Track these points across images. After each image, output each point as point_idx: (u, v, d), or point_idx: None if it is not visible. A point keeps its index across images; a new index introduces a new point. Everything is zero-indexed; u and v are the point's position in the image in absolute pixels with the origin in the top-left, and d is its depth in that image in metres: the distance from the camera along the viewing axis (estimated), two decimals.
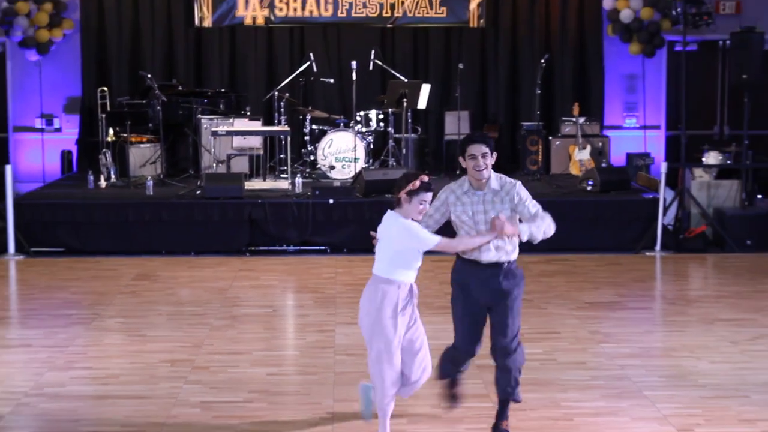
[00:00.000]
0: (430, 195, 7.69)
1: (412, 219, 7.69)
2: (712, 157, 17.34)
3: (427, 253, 7.70)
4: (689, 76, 17.65)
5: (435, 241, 7.65)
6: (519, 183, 7.99)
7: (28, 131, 20.91)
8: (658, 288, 13.90)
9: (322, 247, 15.85)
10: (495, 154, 7.94)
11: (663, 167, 16.19)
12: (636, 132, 21.05)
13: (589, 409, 8.60)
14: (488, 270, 7.80)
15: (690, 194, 16.36)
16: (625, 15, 20.32)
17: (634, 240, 15.85)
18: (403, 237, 7.68)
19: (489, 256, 7.76)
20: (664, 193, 15.88)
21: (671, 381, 9.38)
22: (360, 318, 7.85)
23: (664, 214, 15.83)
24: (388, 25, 20.56)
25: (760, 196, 18.51)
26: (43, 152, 20.81)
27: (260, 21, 20.53)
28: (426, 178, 7.67)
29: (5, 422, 8.35)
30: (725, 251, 15.76)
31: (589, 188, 16.66)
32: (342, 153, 17.68)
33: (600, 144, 19.37)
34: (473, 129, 19.81)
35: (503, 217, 7.68)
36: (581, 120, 18.97)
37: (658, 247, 15.65)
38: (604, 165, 18.51)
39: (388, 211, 7.81)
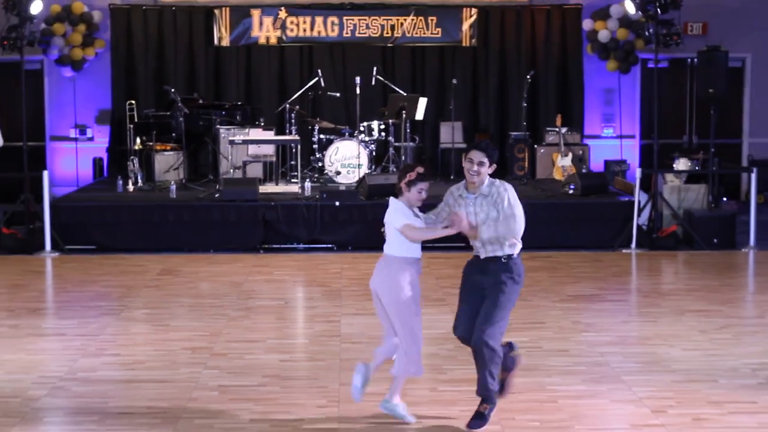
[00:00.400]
0: (427, 184, 7.69)
1: (413, 206, 7.71)
2: (681, 164, 17.29)
3: (421, 249, 7.67)
4: (661, 90, 17.61)
5: (402, 223, 7.62)
6: (510, 188, 7.95)
7: (63, 140, 20.88)
8: (634, 282, 13.85)
9: (329, 245, 15.79)
10: (494, 166, 7.86)
11: (638, 173, 16.16)
12: (613, 141, 21.01)
13: (572, 392, 8.55)
14: (487, 264, 7.76)
15: (662, 197, 16.31)
16: (603, 35, 20.31)
17: (612, 238, 15.80)
18: (390, 215, 7.71)
19: (482, 252, 7.71)
20: (639, 196, 15.83)
21: (646, 367, 9.33)
22: (383, 297, 7.73)
23: (639, 215, 15.77)
24: (389, 45, 20.53)
25: (725, 199, 18.51)
26: (76, 159, 20.76)
27: (273, 41, 20.50)
28: (422, 170, 7.68)
29: (41, 404, 8.31)
30: (694, 249, 15.70)
31: (570, 192, 16.61)
32: (347, 160, 17.63)
33: (580, 152, 19.32)
34: (466, 138, 19.83)
35: (462, 213, 7.61)
36: (563, 130, 18.91)
37: (633, 245, 15.60)
38: (584, 171, 18.46)
39: (391, 198, 7.80)
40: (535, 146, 19.56)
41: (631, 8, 17.72)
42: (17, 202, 16.26)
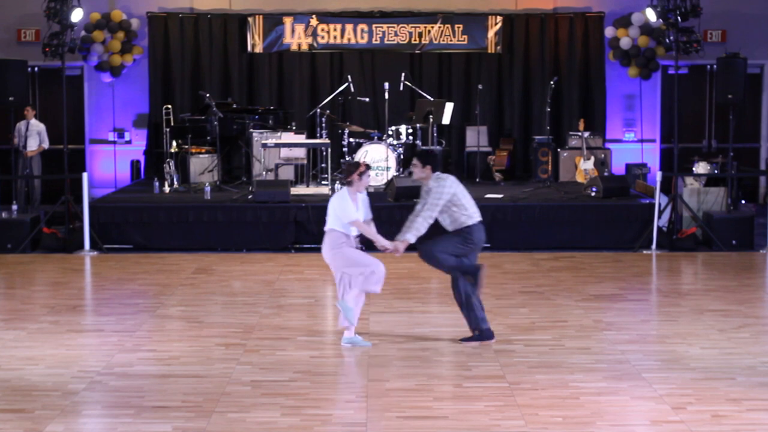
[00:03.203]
0: (370, 173, 9.92)
1: (360, 191, 9.83)
2: (701, 167, 17.22)
3: None
4: (681, 95, 17.53)
5: (351, 219, 9.83)
6: (440, 183, 9.87)
7: (102, 143, 20.95)
8: (654, 282, 13.78)
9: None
10: (428, 167, 9.90)
11: (658, 176, 16.09)
12: (634, 145, 20.93)
13: (593, 389, 8.50)
14: None
15: (682, 200, 16.23)
16: (625, 42, 20.25)
17: (633, 240, 15.74)
18: (338, 205, 9.79)
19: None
20: (659, 199, 15.77)
21: (666, 364, 9.27)
22: (330, 262, 9.94)
23: (659, 217, 15.70)
24: (417, 51, 20.52)
25: (743, 202, 18.39)
26: (115, 162, 20.84)
27: (305, 47, 20.53)
28: (367, 164, 9.87)
29: (80, 397, 8.33)
30: (713, 250, 15.62)
31: (593, 194, 16.55)
32: (376, 162, 17.61)
33: (602, 155, 19.26)
34: (491, 142, 19.92)
35: (390, 245, 10.01)
36: (586, 134, 18.87)
37: (654, 246, 15.53)
38: (606, 174, 18.39)
39: (342, 187, 9.88)
40: (559, 150, 19.51)
41: (652, 16, 17.62)
42: (58, 203, 16.34)
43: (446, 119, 18.58)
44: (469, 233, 9.94)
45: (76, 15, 16.62)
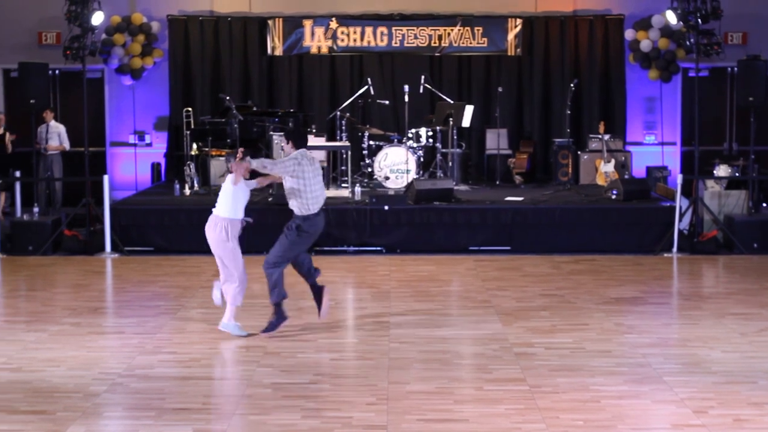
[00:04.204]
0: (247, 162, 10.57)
1: (243, 178, 10.68)
2: (722, 170, 17.15)
3: (468, 252, 7.67)
4: (701, 98, 17.47)
5: (250, 183, 10.84)
6: (292, 155, 10.85)
7: (122, 146, 21.01)
8: (675, 285, 13.74)
9: (378, 248, 15.78)
10: (290, 143, 10.99)
11: (679, 179, 16.06)
12: (655, 147, 20.87)
13: (615, 393, 8.48)
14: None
15: (703, 203, 16.18)
16: (645, 45, 20.21)
17: (654, 243, 15.69)
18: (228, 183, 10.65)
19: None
20: (680, 202, 15.72)
21: (687, 368, 9.24)
22: (213, 246, 10.47)
23: (680, 220, 15.66)
24: (436, 54, 20.52)
25: (765, 204, 18.29)
26: (135, 164, 20.90)
27: (324, 50, 20.56)
28: (243, 149, 10.86)
29: (101, 399, 8.35)
30: (734, 253, 15.56)
31: (613, 197, 16.50)
32: (396, 165, 17.63)
33: (623, 158, 19.22)
34: (511, 144, 19.93)
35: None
36: (606, 137, 18.84)
37: (674, 249, 15.49)
38: (626, 177, 18.34)
39: (227, 176, 10.71)
40: (579, 152, 19.47)
41: (672, 18, 17.58)
42: (79, 206, 16.40)
43: (466, 122, 18.58)
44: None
45: (97, 18, 16.68)
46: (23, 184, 17.41)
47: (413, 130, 18.18)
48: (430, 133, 18.28)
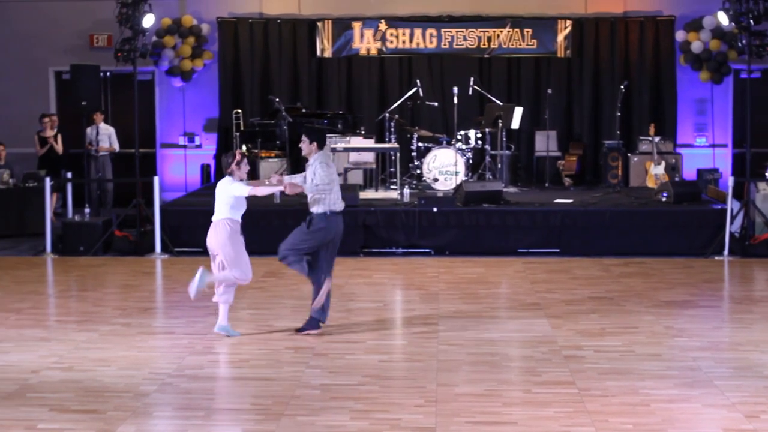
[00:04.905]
0: (246, 160, 10.41)
1: (241, 179, 10.32)
2: None
3: (516, 254, 7.64)
4: (753, 100, 17.29)
5: (247, 190, 10.23)
6: (319, 160, 10.57)
7: (172, 147, 21.17)
8: (726, 289, 13.62)
9: (427, 250, 15.77)
10: (314, 144, 10.65)
11: (730, 181, 15.92)
12: (705, 150, 20.74)
13: (665, 396, 8.42)
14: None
15: (755, 205, 16.04)
16: (696, 46, 20.08)
17: (705, 246, 15.57)
18: (228, 189, 10.23)
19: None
20: (731, 204, 15.60)
21: (738, 372, 9.16)
22: (219, 249, 10.30)
23: (731, 223, 15.54)
24: (486, 56, 20.52)
25: None
26: (185, 165, 21.04)
27: (373, 52, 20.61)
28: (243, 152, 10.51)
29: (151, 399, 8.41)
30: None
31: (663, 199, 16.41)
32: (444, 167, 17.62)
33: (673, 160, 19.11)
34: (560, 147, 19.92)
35: (285, 179, 10.68)
36: (657, 139, 18.74)
37: (726, 252, 15.36)
38: (677, 179, 18.24)
39: (225, 177, 10.32)
40: (629, 155, 19.38)
41: (724, 20, 17.44)
42: (129, 206, 16.52)
43: (515, 124, 18.54)
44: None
45: (148, 20, 16.81)
46: (75, 185, 17.57)
47: (462, 132, 18.18)
48: (479, 135, 18.27)
